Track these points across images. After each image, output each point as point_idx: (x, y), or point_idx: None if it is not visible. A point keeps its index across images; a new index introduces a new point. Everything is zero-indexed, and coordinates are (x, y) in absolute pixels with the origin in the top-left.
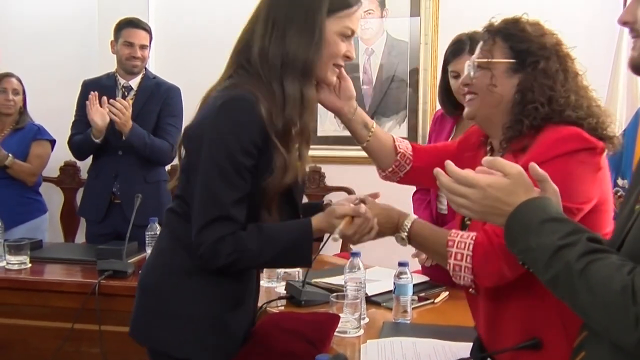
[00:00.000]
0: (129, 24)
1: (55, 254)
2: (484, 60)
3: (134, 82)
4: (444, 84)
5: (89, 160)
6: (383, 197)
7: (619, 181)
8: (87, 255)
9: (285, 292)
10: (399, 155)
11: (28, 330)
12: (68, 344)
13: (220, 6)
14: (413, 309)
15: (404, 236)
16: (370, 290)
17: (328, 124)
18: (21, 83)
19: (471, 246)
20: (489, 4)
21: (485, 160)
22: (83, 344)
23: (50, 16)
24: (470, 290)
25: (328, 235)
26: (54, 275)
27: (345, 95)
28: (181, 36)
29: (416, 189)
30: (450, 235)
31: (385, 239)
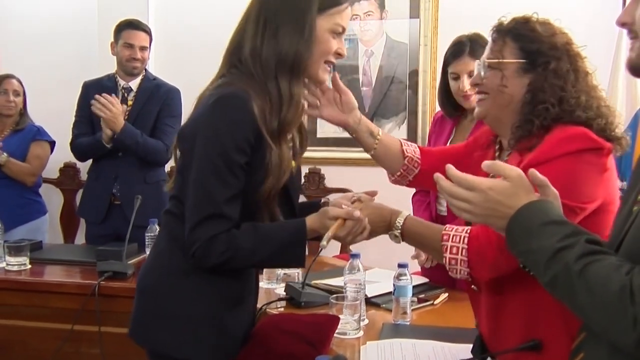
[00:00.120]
0: (129, 26)
1: (55, 255)
2: (495, 61)
3: (134, 84)
4: (443, 86)
5: (89, 162)
6: (383, 199)
7: (619, 183)
8: (87, 257)
9: (284, 294)
10: (407, 159)
11: (28, 331)
12: (68, 345)
13: (220, 8)
14: (413, 311)
15: (397, 233)
16: (370, 291)
17: (328, 126)
18: (21, 84)
19: (466, 239)
20: (488, 5)
21: (484, 164)
22: (83, 345)
23: (51, 17)
24: (473, 287)
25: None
26: (54, 276)
27: (348, 108)
28: (181, 38)
29: (416, 190)
30: (445, 230)
31: (384, 241)
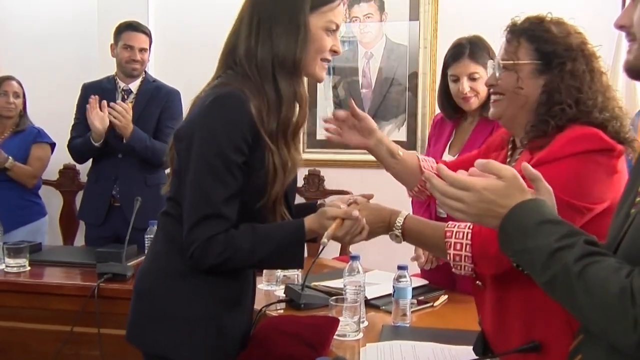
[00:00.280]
0: (129, 28)
1: (54, 257)
2: (510, 62)
3: (133, 86)
4: (443, 88)
5: (89, 164)
6: (382, 200)
7: None
8: (87, 258)
9: (284, 296)
10: (424, 174)
11: (27, 333)
12: (67, 346)
13: (219, 9)
14: (412, 313)
15: (398, 233)
16: (370, 293)
17: None
18: (21, 86)
19: (469, 235)
20: (488, 7)
21: (478, 162)
22: (82, 346)
23: (50, 19)
24: (478, 283)
25: (320, 246)
26: (54, 278)
27: (367, 132)
28: (181, 39)
29: None
30: (448, 227)
31: (383, 243)
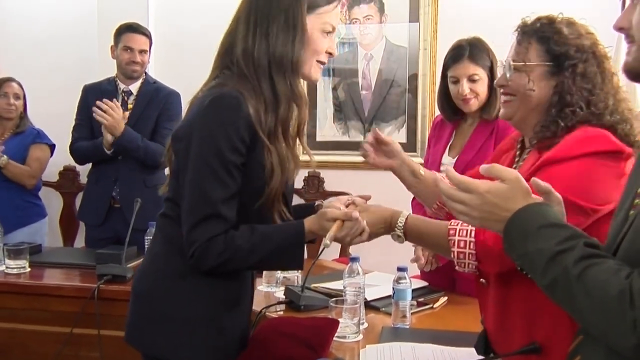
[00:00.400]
0: (129, 29)
1: (54, 258)
2: (521, 64)
3: (134, 87)
4: (443, 90)
5: (89, 165)
6: (382, 201)
7: None
8: (87, 260)
9: (284, 297)
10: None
11: (27, 334)
12: (67, 348)
13: (219, 11)
14: (412, 314)
15: (400, 233)
16: (369, 295)
17: (327, 129)
18: (22, 87)
19: (473, 232)
20: (488, 9)
21: (482, 167)
22: (82, 348)
23: (51, 21)
24: (482, 280)
25: (321, 246)
26: (53, 279)
27: (393, 154)
28: (181, 41)
29: None
30: (451, 225)
31: (383, 244)
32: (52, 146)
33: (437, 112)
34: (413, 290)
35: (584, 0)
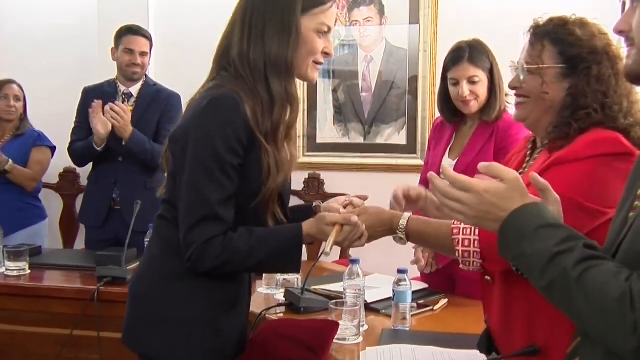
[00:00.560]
0: (129, 31)
1: (54, 260)
2: (534, 66)
3: (134, 89)
4: (443, 91)
5: (89, 167)
6: (383, 203)
7: None
8: (86, 262)
9: (284, 299)
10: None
11: (27, 336)
12: (67, 350)
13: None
14: (412, 316)
15: (402, 235)
16: (370, 297)
17: (327, 131)
18: (22, 89)
19: (477, 230)
20: (488, 11)
21: (481, 165)
22: (82, 350)
23: (51, 23)
24: (487, 278)
25: (321, 251)
26: (53, 281)
27: (418, 199)
28: (181, 43)
29: None
30: (454, 224)
31: (383, 246)
32: (53, 148)
33: (437, 114)
34: (413, 293)
35: (584, 1)
